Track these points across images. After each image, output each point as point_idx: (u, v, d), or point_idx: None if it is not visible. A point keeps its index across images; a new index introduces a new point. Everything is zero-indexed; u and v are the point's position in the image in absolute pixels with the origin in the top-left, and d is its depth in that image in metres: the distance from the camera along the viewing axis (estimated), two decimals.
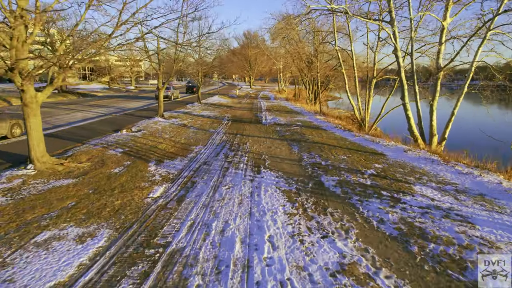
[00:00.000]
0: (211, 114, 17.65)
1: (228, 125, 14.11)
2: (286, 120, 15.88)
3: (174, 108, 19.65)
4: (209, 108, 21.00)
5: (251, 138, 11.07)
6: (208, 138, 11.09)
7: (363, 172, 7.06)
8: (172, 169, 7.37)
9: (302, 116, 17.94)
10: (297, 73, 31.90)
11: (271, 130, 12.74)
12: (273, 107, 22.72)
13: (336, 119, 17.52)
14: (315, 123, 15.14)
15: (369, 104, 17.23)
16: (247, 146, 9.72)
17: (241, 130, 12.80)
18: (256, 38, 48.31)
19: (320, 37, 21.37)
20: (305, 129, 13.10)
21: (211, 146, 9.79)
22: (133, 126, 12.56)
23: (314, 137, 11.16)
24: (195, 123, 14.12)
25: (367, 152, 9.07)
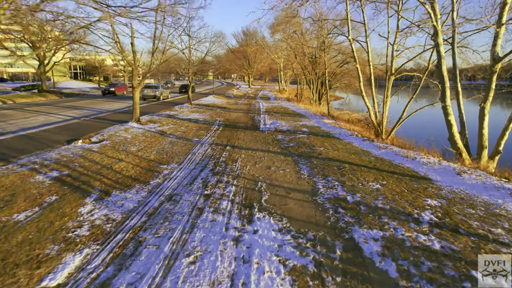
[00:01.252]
0: (200, 118, 14.98)
1: (217, 132, 11.44)
2: (289, 125, 13.21)
3: (158, 110, 16.99)
4: (200, 110, 18.32)
5: (245, 152, 8.41)
6: (188, 152, 8.43)
7: (416, 218, 4.40)
8: (117, 211, 4.72)
9: (307, 119, 15.27)
10: (299, 71, 29.27)
11: (271, 140, 10.07)
12: (273, 109, 20.05)
13: (348, 124, 14.85)
14: (324, 128, 12.46)
15: (386, 105, 14.57)
16: (238, 166, 7.05)
17: (233, 139, 10.13)
18: (255, 35, 45.66)
19: (326, 30, 18.70)
20: (313, 137, 10.42)
21: (188, 166, 7.13)
22: (97, 134, 9.91)
23: (327, 150, 8.49)
24: (177, 130, 11.45)
25: (406, 176, 6.40)
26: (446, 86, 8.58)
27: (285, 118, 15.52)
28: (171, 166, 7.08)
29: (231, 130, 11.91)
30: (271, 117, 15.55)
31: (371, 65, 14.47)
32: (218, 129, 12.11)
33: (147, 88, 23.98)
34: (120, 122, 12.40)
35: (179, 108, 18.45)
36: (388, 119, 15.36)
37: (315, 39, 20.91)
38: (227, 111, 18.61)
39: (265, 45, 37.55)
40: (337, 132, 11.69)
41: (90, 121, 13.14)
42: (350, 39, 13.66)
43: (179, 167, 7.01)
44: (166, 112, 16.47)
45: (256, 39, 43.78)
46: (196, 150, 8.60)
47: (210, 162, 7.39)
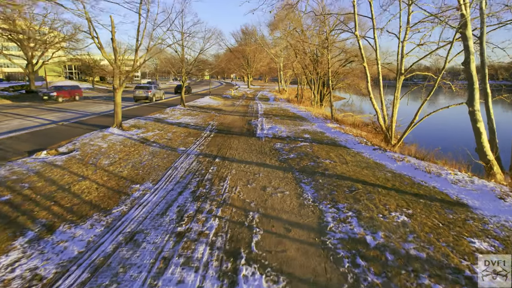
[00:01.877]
0: (191, 122, 13.67)
1: (208, 139, 10.13)
2: (289, 130, 11.90)
3: (147, 113, 15.69)
4: (193, 112, 17.01)
5: (236, 166, 7.09)
6: (169, 166, 7.12)
7: (469, 278, 3.10)
8: (52, 262, 3.43)
9: (309, 123, 13.96)
10: (299, 71, 27.97)
11: (268, 149, 8.76)
12: (272, 111, 18.74)
13: (354, 128, 13.55)
14: (328, 134, 11.16)
15: (395, 108, 13.27)
16: (226, 186, 5.75)
17: (225, 149, 8.82)
18: (254, 33, 44.34)
19: (329, 27, 17.37)
20: (317, 146, 9.12)
21: (165, 186, 5.82)
22: (68, 143, 8.62)
23: (334, 164, 7.18)
24: (162, 137, 10.14)
25: (436, 200, 5.10)
26: (475, 87, 7.26)
27: (284, 121, 14.21)
28: (145, 186, 5.78)
29: (224, 136, 10.60)
30: (269, 121, 14.24)
31: (379, 64, 13.17)
32: (210, 135, 10.80)
33: (138, 88, 22.65)
34: (101, 128, 11.11)
35: (170, 110, 17.14)
36: (398, 122, 14.07)
37: (317, 35, 19.60)
38: (222, 113, 17.30)
39: (264, 43, 36.26)
40: (343, 138, 10.38)
41: (68, 126, 11.83)
42: (357, 34, 12.35)
43: (154, 188, 5.71)
44: (156, 115, 15.16)
45: (256, 38, 42.48)
46: (180, 163, 7.29)
47: (193, 180, 6.07)
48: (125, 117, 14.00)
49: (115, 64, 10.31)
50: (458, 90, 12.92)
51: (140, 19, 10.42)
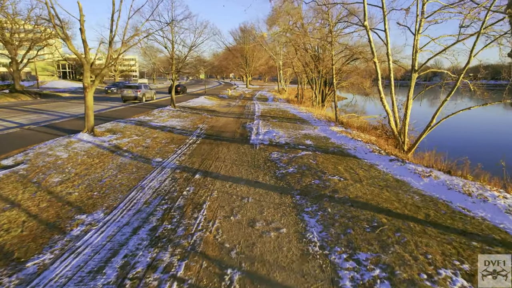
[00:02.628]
0: (178, 125, 12.14)
1: (192, 147, 8.61)
2: (288, 135, 10.38)
3: (131, 115, 14.17)
4: (182, 114, 15.47)
5: (220, 186, 5.57)
6: (135, 185, 5.59)
7: None
8: None
9: (311, 127, 12.44)
10: (300, 69, 26.46)
11: (263, 160, 7.23)
12: (270, 112, 17.22)
13: (362, 132, 12.02)
14: (334, 141, 9.63)
15: (408, 110, 11.75)
16: (200, 219, 4.21)
17: (209, 160, 7.30)
18: (253, 31, 42.82)
19: (333, 18, 15.83)
20: (322, 156, 7.59)
21: (119, 218, 4.29)
22: (20, 152, 7.11)
23: (346, 183, 5.65)
24: (139, 144, 8.62)
25: (496, 243, 3.57)
26: None
27: (283, 124, 12.68)
28: (93, 218, 4.26)
29: (212, 143, 9.07)
30: (266, 124, 12.71)
31: (390, 60, 11.64)
32: (196, 141, 9.28)
33: (127, 88, 21.12)
34: (70, 132, 9.61)
35: (158, 112, 15.61)
36: (410, 126, 12.55)
37: (320, 28, 18.08)
38: (215, 115, 15.77)
39: (263, 41, 34.77)
40: (351, 146, 8.86)
41: (34, 131, 10.31)
42: (367, 25, 10.80)
43: (103, 221, 4.18)
44: (140, 117, 13.63)
45: (254, 35, 40.98)
46: (149, 181, 5.77)
47: (158, 209, 4.55)
48: (104, 120, 12.51)
49: (85, 59, 8.79)
50: (477, 90, 11.45)
51: (115, 5, 8.89)
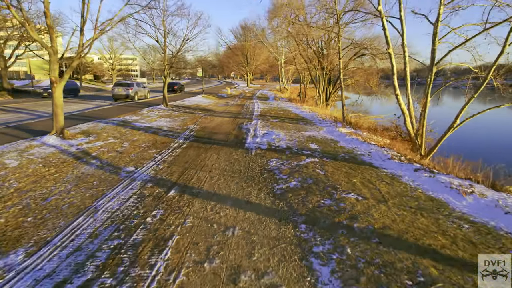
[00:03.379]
0: (165, 126, 10.79)
1: (176, 152, 7.26)
2: (290, 137, 9.02)
3: (117, 115, 12.86)
4: (174, 114, 14.13)
5: (199, 207, 4.22)
6: (88, 206, 4.24)
7: None
8: None
9: (315, 127, 11.07)
10: (302, 67, 25.10)
11: (258, 170, 5.87)
12: (271, 112, 15.86)
13: (373, 134, 10.63)
14: (343, 144, 8.26)
15: (425, 109, 10.36)
16: (158, 269, 2.85)
17: (193, 169, 5.96)
18: (253, 28, 41.46)
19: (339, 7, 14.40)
20: (331, 164, 6.22)
21: (44, 262, 2.94)
22: None
23: (366, 203, 4.28)
24: (113, 149, 7.28)
25: None
26: None
27: (284, 125, 11.32)
28: (5, 263, 2.92)
29: (199, 148, 7.73)
30: (265, 124, 11.35)
31: (406, 52, 10.25)
32: (182, 145, 7.93)
33: (118, 86, 19.83)
34: (38, 134, 8.30)
35: (147, 111, 14.29)
36: (428, 126, 11.16)
37: (324, 20, 16.70)
38: (209, 114, 14.42)
39: (264, 38, 33.48)
40: (364, 150, 7.48)
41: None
42: (381, 10, 9.42)
43: (18, 268, 2.85)
44: (126, 116, 12.32)
45: (255, 32, 39.66)
46: (108, 200, 4.42)
47: (104, 247, 3.19)
48: (85, 120, 11.22)
49: (51, 49, 7.47)
50: (501, 87, 10.07)
51: None
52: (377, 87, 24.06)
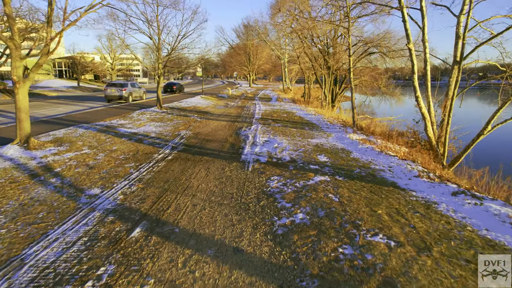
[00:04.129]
0: (154, 131, 9.62)
1: (157, 167, 6.07)
2: (295, 146, 7.81)
3: (103, 118, 11.72)
4: (166, 117, 12.95)
5: (166, 260, 3.02)
6: (13, 256, 3.06)
7: None
8: None
9: (323, 133, 9.84)
10: (307, 66, 23.85)
11: (255, 194, 4.65)
12: (273, 114, 14.64)
13: (388, 141, 9.36)
14: (357, 155, 7.02)
15: (450, 113, 9.07)
16: None
17: (172, 193, 4.77)
18: (256, 26, 40.23)
19: None
20: (346, 185, 4.99)
21: None
22: None
23: (401, 252, 3.06)
24: (84, 162, 6.12)
25: None
26: None
27: (288, 131, 10.10)
28: None
29: (187, 160, 6.53)
30: (266, 130, 10.14)
31: (427, 48, 8.98)
32: (166, 157, 6.74)
33: (110, 86, 18.68)
34: (2, 143, 7.17)
35: (138, 114, 13.14)
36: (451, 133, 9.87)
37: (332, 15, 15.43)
38: (206, 117, 13.23)
39: (266, 35, 32.27)
40: (383, 164, 6.24)
41: None
42: None
43: None
44: (112, 120, 11.17)
45: (257, 30, 38.44)
46: (46, 245, 3.24)
47: None
48: (66, 124, 10.09)
49: (12, 43, 6.32)
50: None
51: None
52: (385, 87, 22.77)
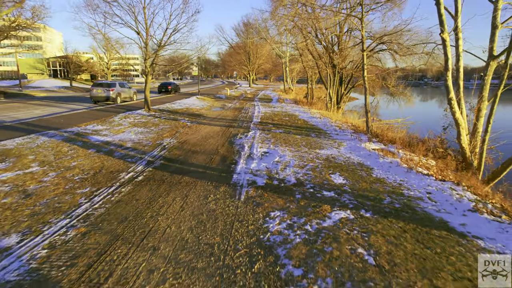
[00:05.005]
0: (133, 140, 8.09)
1: (121, 193, 4.55)
2: (301, 161, 6.27)
3: (80, 123, 10.19)
4: (152, 121, 11.40)
5: None
6: None
7: None
8: None
9: (332, 142, 8.30)
10: (310, 64, 22.32)
11: (246, 245, 3.13)
12: (273, 117, 13.11)
13: (410, 151, 7.78)
14: (382, 175, 5.47)
15: (490, 118, 7.53)
16: None
17: (125, 244, 3.26)
18: (256, 23, 38.70)
19: None
20: (380, 230, 3.46)
21: None
22: None
23: None
24: (20, 188, 4.60)
25: None
26: None
27: (291, 138, 8.57)
28: None
29: (162, 182, 5.00)
30: (266, 137, 8.61)
31: (460, 40, 7.46)
32: (136, 177, 5.21)
33: (97, 86, 17.10)
34: None
35: (121, 118, 11.60)
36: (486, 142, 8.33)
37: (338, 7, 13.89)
38: (198, 122, 11.69)
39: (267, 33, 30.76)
40: (418, 188, 4.70)
41: None
42: None
43: None
44: (89, 126, 9.65)
45: (258, 28, 36.93)
46: None
47: None
48: (30, 130, 8.59)
49: None
50: None
51: None
52: (394, 87, 21.27)
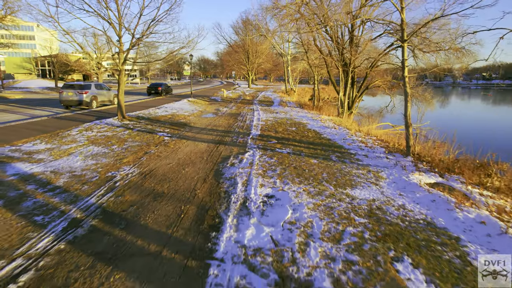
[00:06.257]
0: (76, 169, 5.55)
1: None
2: (329, 214, 3.76)
3: (16, 139, 7.64)
4: (119, 134, 8.83)
5: None
6: None
7: None
8: None
9: (364, 171, 5.76)
10: (316, 63, 19.82)
11: None
12: (277, 127, 10.57)
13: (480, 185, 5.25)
14: (479, 252, 2.93)
15: None
16: None
17: None
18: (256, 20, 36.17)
19: None
20: None
21: None
22: None
23: None
24: None
25: None
26: None
27: (304, 164, 6.04)
28: None
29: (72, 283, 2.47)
30: (269, 163, 6.08)
31: None
32: (20, 275, 2.68)
33: (67, 88, 14.46)
34: None
35: (81, 130, 9.02)
36: None
37: None
38: (179, 136, 9.12)
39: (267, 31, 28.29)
40: None
41: None
42: None
43: None
44: (26, 144, 7.10)
45: (258, 24, 34.40)
46: None
47: None
48: None
49: None
50: None
51: None
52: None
